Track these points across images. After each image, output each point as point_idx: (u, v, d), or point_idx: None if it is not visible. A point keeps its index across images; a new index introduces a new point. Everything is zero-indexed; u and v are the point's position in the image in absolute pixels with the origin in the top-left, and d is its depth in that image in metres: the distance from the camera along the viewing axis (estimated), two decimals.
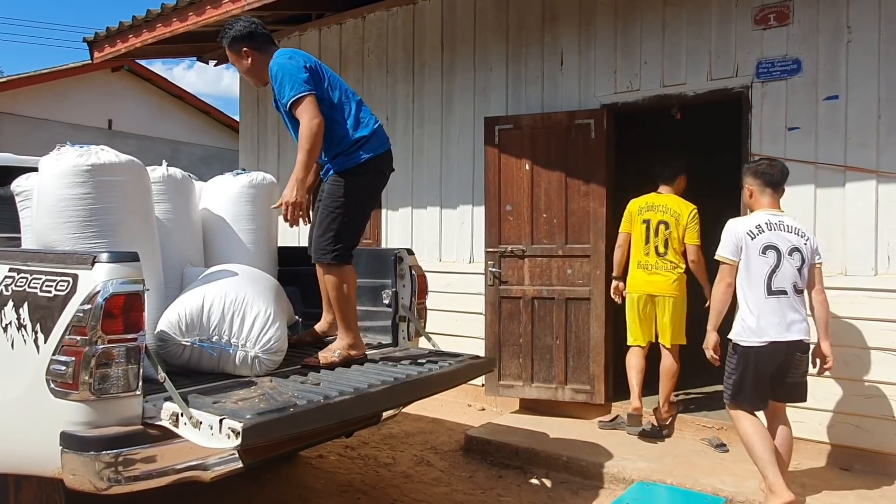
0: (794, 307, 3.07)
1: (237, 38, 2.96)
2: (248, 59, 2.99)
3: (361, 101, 3.04)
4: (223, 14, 5.12)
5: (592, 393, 4.48)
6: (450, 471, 3.88)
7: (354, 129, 2.92)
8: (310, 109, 2.75)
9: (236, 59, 3.03)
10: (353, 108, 2.95)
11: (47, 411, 2.15)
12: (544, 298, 4.59)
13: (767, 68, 3.93)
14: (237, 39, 2.96)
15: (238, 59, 3.02)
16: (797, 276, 3.10)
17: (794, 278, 3.09)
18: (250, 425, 1.97)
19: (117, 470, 2.12)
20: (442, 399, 5.08)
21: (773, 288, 3.08)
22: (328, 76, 2.94)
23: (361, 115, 2.97)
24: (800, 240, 3.13)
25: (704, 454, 3.87)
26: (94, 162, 2.48)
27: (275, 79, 2.85)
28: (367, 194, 2.98)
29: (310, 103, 2.76)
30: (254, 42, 2.97)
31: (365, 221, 3.04)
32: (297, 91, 2.76)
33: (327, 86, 2.90)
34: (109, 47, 6.22)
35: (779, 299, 3.07)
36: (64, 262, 2.24)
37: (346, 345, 2.94)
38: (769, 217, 3.16)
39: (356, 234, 2.99)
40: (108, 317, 2.10)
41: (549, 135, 4.57)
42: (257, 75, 3.03)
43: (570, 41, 4.69)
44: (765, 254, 3.09)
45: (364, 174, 2.92)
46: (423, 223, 5.44)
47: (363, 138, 2.93)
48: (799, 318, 3.08)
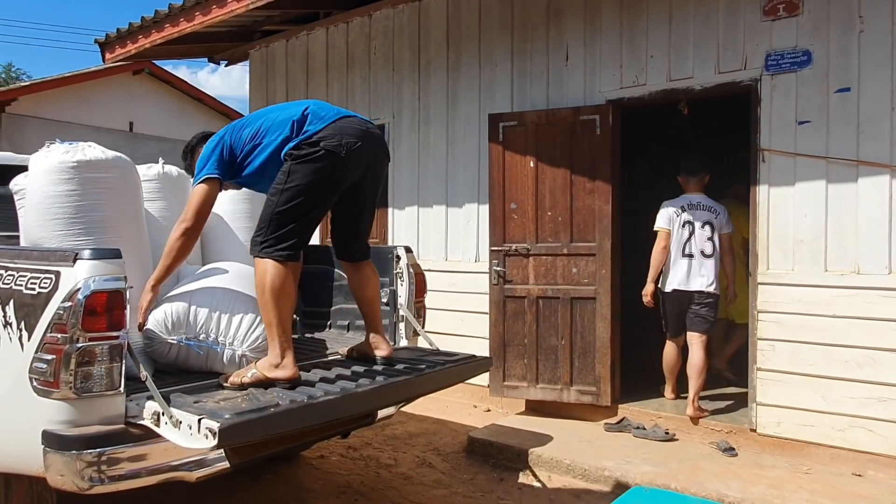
0: (699, 267, 4.31)
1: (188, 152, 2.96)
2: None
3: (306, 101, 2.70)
4: (228, 13, 5.14)
5: (598, 394, 4.39)
6: (451, 473, 3.83)
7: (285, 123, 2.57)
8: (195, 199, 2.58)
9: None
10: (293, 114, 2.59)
11: (31, 410, 2.14)
12: (549, 298, 4.52)
13: (777, 60, 3.81)
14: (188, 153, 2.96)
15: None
16: (706, 244, 4.29)
17: (702, 246, 4.30)
18: (227, 425, 1.94)
19: (99, 469, 2.10)
20: (447, 400, 5.04)
21: (685, 252, 4.33)
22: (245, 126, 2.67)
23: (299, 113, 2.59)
24: (711, 215, 4.32)
25: (712, 458, 3.77)
26: (79, 158, 2.47)
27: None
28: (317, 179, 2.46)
29: (207, 190, 2.59)
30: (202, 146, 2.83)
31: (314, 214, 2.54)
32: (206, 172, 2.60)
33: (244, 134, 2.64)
34: (120, 48, 6.28)
35: (689, 260, 4.32)
36: (47, 259, 2.23)
37: (267, 363, 2.39)
38: (690, 199, 4.38)
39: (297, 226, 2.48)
40: (89, 314, 2.08)
41: (554, 131, 4.50)
42: None
43: (575, 36, 4.61)
44: (683, 227, 4.33)
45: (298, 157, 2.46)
46: (429, 222, 5.39)
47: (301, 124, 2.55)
48: (701, 274, 4.31)
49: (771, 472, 3.56)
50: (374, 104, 5.75)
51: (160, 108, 13.59)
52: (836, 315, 3.63)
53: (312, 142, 2.47)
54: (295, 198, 2.44)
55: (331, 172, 2.49)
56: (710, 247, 4.28)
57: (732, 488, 3.32)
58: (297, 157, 2.47)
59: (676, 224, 4.33)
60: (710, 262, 4.30)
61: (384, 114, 5.67)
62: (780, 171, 3.83)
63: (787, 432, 3.79)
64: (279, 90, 6.48)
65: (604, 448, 3.91)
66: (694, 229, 4.30)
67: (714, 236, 4.28)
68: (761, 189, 3.90)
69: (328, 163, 2.46)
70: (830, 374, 3.65)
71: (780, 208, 3.84)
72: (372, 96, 5.77)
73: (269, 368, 2.39)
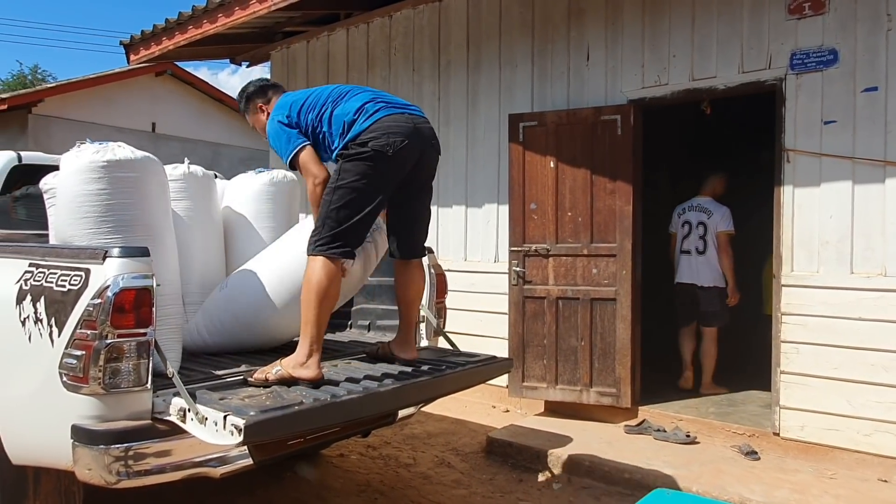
0: (696, 262, 4.88)
1: (251, 95, 2.97)
2: (265, 113, 2.92)
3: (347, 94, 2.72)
4: (251, 15, 5.19)
5: (618, 396, 4.37)
6: (470, 473, 3.83)
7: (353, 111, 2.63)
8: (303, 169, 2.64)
9: (255, 118, 2.97)
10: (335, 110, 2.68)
11: (60, 405, 2.18)
12: (569, 298, 4.50)
13: (802, 59, 3.77)
14: (251, 96, 2.97)
15: (256, 118, 2.97)
16: (700, 242, 4.86)
17: (696, 243, 4.88)
18: (252, 422, 1.96)
19: (127, 464, 2.13)
20: (466, 400, 5.04)
21: (684, 248, 4.96)
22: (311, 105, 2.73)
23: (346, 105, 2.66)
24: (704, 216, 4.88)
25: (734, 461, 3.73)
26: (109, 158, 2.51)
27: (272, 145, 2.79)
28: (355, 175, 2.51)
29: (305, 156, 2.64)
30: (262, 96, 2.95)
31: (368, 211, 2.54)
32: (291, 148, 2.66)
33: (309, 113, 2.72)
34: (144, 50, 6.37)
35: (687, 256, 4.94)
36: (77, 256, 2.27)
37: (293, 361, 2.41)
38: (693, 202, 5.01)
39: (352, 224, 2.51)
40: (117, 311, 2.12)
41: (575, 131, 4.48)
42: None
43: (596, 36, 4.59)
44: (683, 227, 4.98)
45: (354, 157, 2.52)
46: (448, 222, 5.40)
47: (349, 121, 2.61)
48: (697, 269, 4.87)
49: (794, 476, 3.52)
50: None
51: (182, 108, 13.74)
52: (862, 318, 3.58)
53: (360, 142, 2.53)
54: (347, 196, 2.50)
55: (380, 171, 2.54)
56: (702, 244, 4.86)
57: (755, 492, 3.29)
58: (347, 157, 2.54)
59: (678, 224, 5.01)
60: (703, 258, 4.86)
61: None
62: (805, 172, 3.78)
63: (812, 436, 3.74)
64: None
65: (624, 450, 3.89)
66: (690, 229, 4.92)
67: (707, 235, 4.83)
68: (786, 190, 3.85)
69: (377, 162, 2.52)
70: (856, 377, 3.60)
71: (804, 209, 3.79)
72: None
73: (295, 367, 2.41)
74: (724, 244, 4.82)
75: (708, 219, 4.87)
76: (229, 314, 2.95)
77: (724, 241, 4.82)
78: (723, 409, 4.46)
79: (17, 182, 3.39)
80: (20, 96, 11.70)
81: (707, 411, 4.39)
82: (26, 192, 3.38)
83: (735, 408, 4.51)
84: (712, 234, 4.83)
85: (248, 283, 2.95)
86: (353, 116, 2.60)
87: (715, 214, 4.84)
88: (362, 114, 2.59)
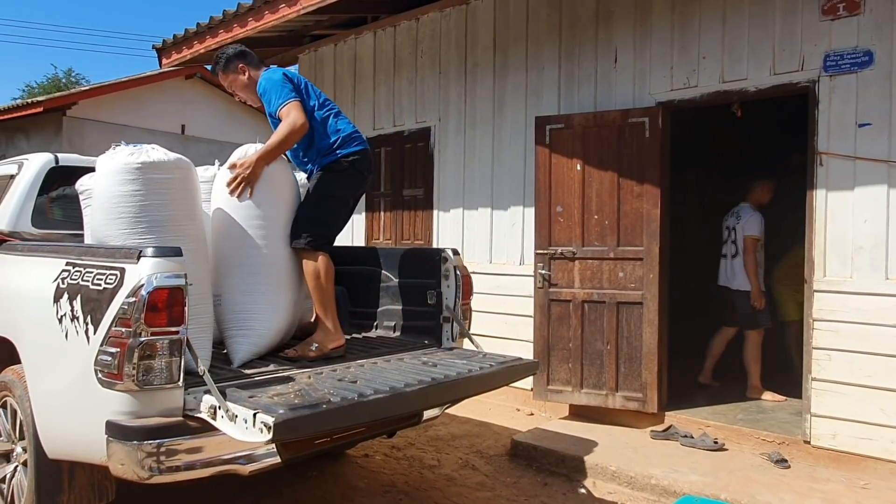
0: (729, 266, 5.03)
1: (232, 57, 3.20)
2: (245, 73, 3.19)
3: (339, 110, 3.28)
4: (280, 18, 5.25)
5: (644, 401, 4.33)
6: (494, 476, 3.83)
7: (334, 134, 3.14)
8: (292, 113, 2.96)
9: (234, 77, 3.22)
10: (332, 117, 3.17)
11: (95, 401, 2.23)
12: (595, 302, 4.47)
13: (836, 61, 3.70)
14: (232, 58, 3.20)
15: (235, 77, 3.21)
16: (732, 246, 5.00)
17: (730, 247, 5.03)
18: (282, 420, 1.98)
19: (158, 460, 2.17)
20: (490, 402, 5.04)
21: (722, 253, 5.11)
22: (312, 90, 3.18)
23: (339, 123, 3.18)
24: (736, 221, 5.00)
25: (763, 469, 3.67)
26: (144, 160, 2.57)
27: (263, 94, 3.08)
28: (344, 190, 3.17)
29: (295, 107, 2.97)
30: (246, 59, 3.22)
31: (342, 215, 3.22)
32: (283, 99, 2.99)
33: (312, 100, 3.13)
34: (176, 54, 6.49)
35: (724, 260, 5.10)
36: (113, 256, 2.33)
37: (324, 337, 2.96)
38: (735, 209, 5.09)
39: (330, 224, 3.15)
40: (151, 310, 2.16)
41: (602, 134, 4.45)
42: (254, 92, 3.19)
43: (624, 38, 4.56)
44: (724, 232, 5.11)
45: (341, 171, 3.12)
46: (473, 224, 5.40)
47: (341, 141, 3.14)
48: (729, 272, 5.02)
49: (826, 485, 3.45)
50: (420, 107, 5.79)
51: (211, 111, 13.95)
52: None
53: (350, 161, 3.14)
54: (332, 202, 3.12)
55: (355, 186, 3.24)
56: (734, 248, 4.99)
57: (785, 501, 3.23)
58: (336, 170, 3.11)
59: (723, 230, 5.14)
60: (734, 261, 4.99)
61: (430, 117, 5.71)
62: (839, 175, 3.71)
63: (844, 445, 3.67)
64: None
65: (650, 455, 3.85)
66: (728, 233, 5.07)
67: (738, 239, 4.95)
68: (818, 193, 3.78)
69: (355, 180, 3.20)
70: (891, 385, 3.51)
71: (837, 213, 3.72)
72: (418, 99, 5.82)
73: (329, 341, 2.94)
74: (747, 247, 4.89)
75: (738, 223, 4.98)
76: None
77: (748, 245, 4.89)
78: (752, 416, 4.38)
79: (54, 183, 3.47)
80: (55, 99, 11.99)
81: (736, 418, 4.33)
82: (62, 193, 3.46)
83: (764, 415, 4.43)
84: (740, 238, 4.94)
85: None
86: (342, 139, 3.13)
87: (744, 218, 4.96)
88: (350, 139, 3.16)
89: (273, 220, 2.99)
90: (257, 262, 2.93)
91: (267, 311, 2.92)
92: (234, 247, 2.93)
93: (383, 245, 6.01)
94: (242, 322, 2.84)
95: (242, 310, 2.85)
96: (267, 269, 2.95)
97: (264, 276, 2.94)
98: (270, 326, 2.93)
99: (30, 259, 2.84)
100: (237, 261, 2.92)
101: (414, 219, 5.87)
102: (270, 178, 3.00)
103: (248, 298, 2.89)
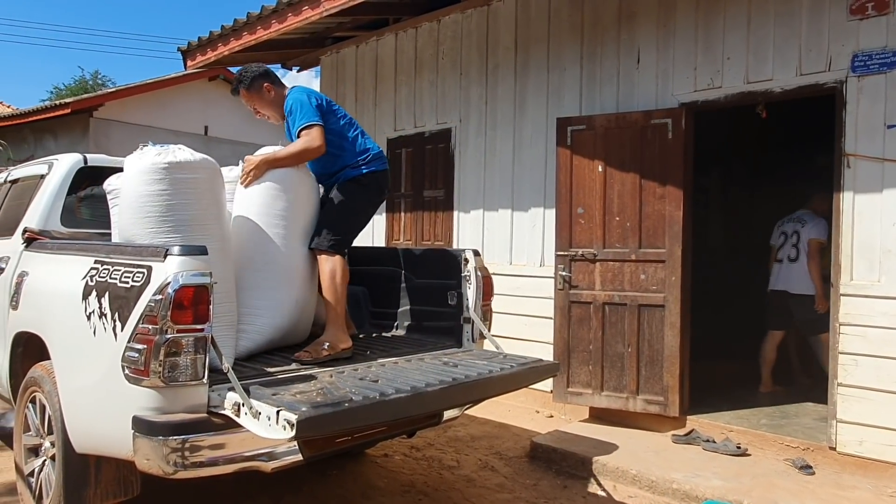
0: (786, 270, 4.99)
1: (257, 76, 3.31)
2: (271, 92, 3.32)
3: (363, 130, 3.44)
4: (303, 21, 5.30)
5: (666, 405, 4.29)
6: (514, 477, 3.82)
7: (363, 152, 3.32)
8: (311, 136, 3.09)
9: (258, 95, 3.33)
10: (358, 135, 3.34)
11: (122, 396, 2.27)
12: (616, 304, 4.44)
13: (864, 61, 3.64)
14: (257, 77, 3.31)
15: (260, 95, 3.33)
16: (792, 250, 4.97)
17: (789, 251, 5.00)
18: (304, 418, 2.00)
19: (183, 455, 2.20)
20: (509, 404, 5.03)
21: (778, 258, 5.11)
22: (336, 110, 3.34)
23: (367, 142, 3.37)
24: (799, 225, 4.99)
25: (787, 475, 3.62)
26: (170, 160, 2.61)
27: (289, 112, 3.21)
28: (364, 203, 3.36)
29: (317, 131, 3.10)
30: (270, 79, 3.34)
31: (360, 226, 3.40)
32: (307, 120, 3.11)
33: (337, 118, 3.29)
34: (201, 56, 6.57)
35: (780, 264, 5.07)
36: (140, 254, 2.37)
37: (334, 337, 3.02)
38: (792, 215, 5.11)
39: (350, 231, 3.31)
40: (177, 307, 2.20)
41: (624, 135, 4.43)
42: (278, 108, 3.32)
43: (647, 38, 4.53)
44: (780, 237, 5.12)
45: (364, 185, 3.30)
46: (494, 225, 5.40)
47: (366, 158, 3.31)
48: (787, 276, 4.97)
49: (852, 493, 3.39)
50: (441, 108, 5.81)
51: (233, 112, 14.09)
52: None
53: (375, 178, 3.34)
54: (355, 211, 3.31)
55: (375, 201, 3.44)
56: (794, 252, 4.94)
57: None
58: (363, 184, 3.30)
59: (776, 236, 5.16)
60: (794, 265, 4.94)
61: (451, 118, 5.72)
62: (867, 177, 3.65)
63: (870, 452, 3.60)
64: (349, 94, 6.63)
65: (672, 460, 3.81)
66: (786, 238, 5.05)
67: (799, 243, 4.91)
68: (845, 196, 3.72)
69: (376, 195, 3.41)
70: None
71: (865, 216, 3.66)
72: (439, 100, 5.83)
73: (340, 341, 3.00)
74: (813, 251, 4.84)
75: (802, 227, 4.96)
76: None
77: (814, 249, 4.84)
78: (775, 421, 4.32)
79: (82, 183, 3.53)
80: (83, 101, 12.22)
81: (759, 423, 4.27)
82: (91, 193, 3.52)
83: (788, 420, 4.37)
84: (804, 242, 4.90)
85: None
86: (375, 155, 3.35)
87: (809, 223, 4.93)
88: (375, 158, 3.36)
89: (288, 221, 3.04)
90: (263, 260, 2.97)
91: (269, 308, 2.95)
92: (245, 244, 2.98)
93: (404, 246, 6.03)
94: (242, 317, 2.85)
95: (244, 304, 2.87)
96: (272, 267, 2.98)
97: (269, 273, 2.97)
98: (270, 324, 2.96)
99: (59, 257, 2.90)
100: (245, 257, 2.96)
101: (434, 220, 5.88)
102: (290, 182, 3.06)
103: (250, 294, 2.92)
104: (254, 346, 2.91)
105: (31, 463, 2.93)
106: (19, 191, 3.83)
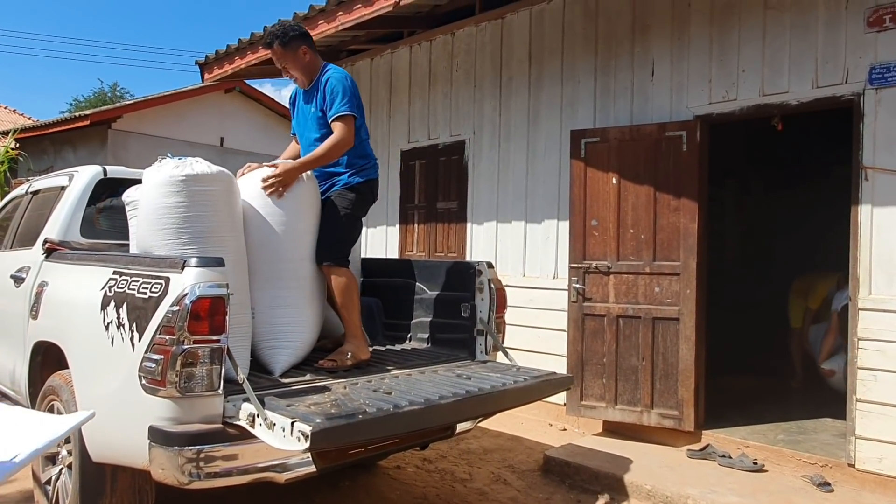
0: None
1: (297, 37, 3.20)
2: (307, 56, 3.22)
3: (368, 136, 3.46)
4: (319, 34, 5.37)
5: (681, 419, 4.25)
6: (526, 491, 3.79)
7: (371, 157, 3.34)
8: (349, 128, 3.08)
9: (293, 55, 3.19)
10: (367, 141, 3.35)
11: (138, 406, 2.29)
12: (630, 317, 4.42)
13: (882, 73, 3.62)
14: (296, 38, 3.19)
15: (294, 56, 3.19)
16: None
17: None
18: (319, 429, 2.01)
19: (198, 466, 2.22)
20: (522, 417, 5.00)
21: None
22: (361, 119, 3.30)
23: (368, 148, 3.36)
24: None
25: (805, 492, 3.56)
26: (188, 173, 2.64)
27: (331, 89, 3.11)
28: (363, 212, 3.34)
29: (352, 124, 3.09)
30: (308, 41, 3.25)
31: (359, 234, 3.42)
32: (348, 107, 3.09)
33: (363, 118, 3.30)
34: (218, 69, 6.67)
35: None
36: (158, 266, 2.39)
37: (356, 347, 3.06)
38: None
39: (353, 242, 3.33)
40: (194, 318, 2.22)
41: (638, 148, 4.42)
42: (309, 74, 3.23)
43: (661, 51, 4.54)
44: None
45: (362, 194, 3.28)
46: (507, 237, 5.40)
47: (367, 164, 3.31)
48: None
49: None
50: (455, 120, 5.83)
51: (249, 124, 14.27)
52: None
53: (371, 187, 3.33)
54: (357, 223, 3.30)
55: (366, 209, 3.37)
56: None
57: None
58: (363, 192, 3.27)
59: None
60: None
61: (465, 130, 5.74)
62: (885, 191, 3.61)
63: (891, 469, 3.54)
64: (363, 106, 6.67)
65: (686, 475, 3.77)
66: None
67: None
68: (863, 209, 3.69)
69: (369, 204, 3.36)
70: None
71: (884, 229, 3.62)
72: (453, 113, 5.86)
73: (361, 351, 3.06)
74: None
75: None
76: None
77: None
78: (793, 437, 4.27)
79: (102, 194, 3.58)
80: (101, 113, 12.39)
81: (776, 438, 4.22)
82: (110, 204, 3.57)
83: (806, 436, 4.31)
84: None
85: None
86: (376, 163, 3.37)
87: None
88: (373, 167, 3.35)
89: (305, 237, 3.08)
90: (291, 277, 3.00)
91: (302, 323, 3.00)
92: (267, 261, 2.97)
93: (417, 257, 6.04)
94: (281, 334, 2.90)
95: (281, 323, 2.91)
96: (300, 283, 3.03)
97: (298, 291, 3.02)
98: (306, 338, 3.02)
99: (79, 268, 2.94)
100: (271, 275, 2.96)
101: (447, 231, 5.89)
102: (303, 196, 3.08)
103: (283, 312, 2.96)
104: (294, 361, 2.95)
105: (49, 471, 2.95)
106: (40, 202, 3.89)
